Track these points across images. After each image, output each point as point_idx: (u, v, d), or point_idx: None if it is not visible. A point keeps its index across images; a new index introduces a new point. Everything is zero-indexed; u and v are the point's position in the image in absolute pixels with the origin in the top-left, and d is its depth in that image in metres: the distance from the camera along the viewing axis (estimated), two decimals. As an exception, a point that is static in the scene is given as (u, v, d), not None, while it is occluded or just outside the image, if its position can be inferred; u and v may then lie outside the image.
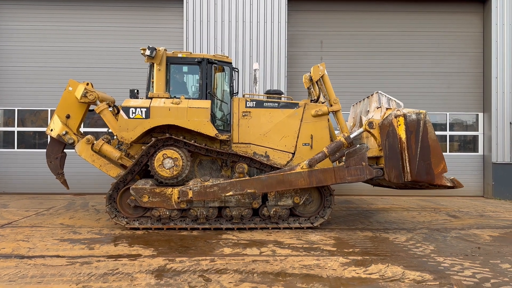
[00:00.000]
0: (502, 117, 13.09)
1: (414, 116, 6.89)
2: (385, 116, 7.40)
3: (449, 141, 13.78)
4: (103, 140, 8.17)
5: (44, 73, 13.11)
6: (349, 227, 8.19)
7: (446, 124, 13.75)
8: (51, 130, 8.33)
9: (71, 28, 13.19)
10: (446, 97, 13.67)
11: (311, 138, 8.23)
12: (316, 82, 8.40)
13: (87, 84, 8.25)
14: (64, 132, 8.22)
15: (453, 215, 9.75)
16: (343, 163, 7.44)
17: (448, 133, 13.74)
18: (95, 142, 8.15)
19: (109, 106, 8.42)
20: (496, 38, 13.15)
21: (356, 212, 10.03)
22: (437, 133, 13.06)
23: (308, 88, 8.79)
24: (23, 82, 13.12)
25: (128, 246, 6.57)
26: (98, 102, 8.19)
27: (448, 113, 13.75)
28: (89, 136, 8.15)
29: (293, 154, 8.22)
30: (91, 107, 8.53)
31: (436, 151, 6.87)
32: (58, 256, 5.93)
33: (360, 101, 9.62)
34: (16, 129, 13.17)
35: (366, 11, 13.65)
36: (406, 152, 6.89)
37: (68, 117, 8.32)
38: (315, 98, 8.70)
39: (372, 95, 8.76)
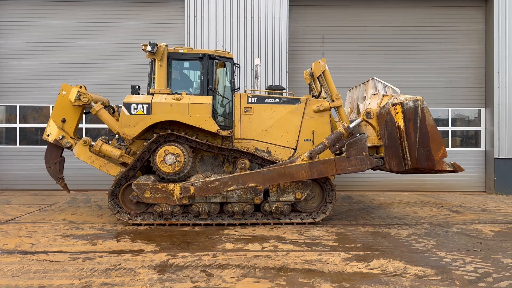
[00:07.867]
0: (504, 112, 13.02)
1: (411, 104, 6.87)
2: (382, 104, 7.35)
3: (451, 136, 13.74)
4: (101, 140, 8.18)
5: (46, 70, 13.09)
6: (351, 223, 8.21)
7: (448, 119, 13.70)
8: (48, 135, 8.35)
9: (73, 24, 13.15)
10: (448, 92, 13.60)
11: (313, 133, 8.23)
12: (318, 77, 8.37)
13: (80, 87, 8.26)
14: (61, 137, 8.24)
15: (455, 210, 9.75)
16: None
17: (450, 128, 13.70)
18: (92, 143, 8.16)
19: (105, 107, 8.41)
20: (498, 33, 13.06)
21: (357, 208, 10.03)
22: (439, 128, 13.00)
23: (309, 84, 8.76)
24: (25, 78, 13.11)
25: (130, 241, 6.60)
26: (92, 104, 8.19)
27: (450, 108, 13.69)
28: (85, 138, 8.15)
29: (295, 149, 8.22)
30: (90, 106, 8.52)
31: (435, 137, 6.87)
32: (61, 252, 5.97)
33: (356, 86, 9.55)
34: (18, 125, 13.19)
35: (367, 6, 13.57)
36: (405, 140, 6.90)
37: (64, 121, 8.36)
38: (317, 93, 8.69)
39: (368, 81, 8.69)
